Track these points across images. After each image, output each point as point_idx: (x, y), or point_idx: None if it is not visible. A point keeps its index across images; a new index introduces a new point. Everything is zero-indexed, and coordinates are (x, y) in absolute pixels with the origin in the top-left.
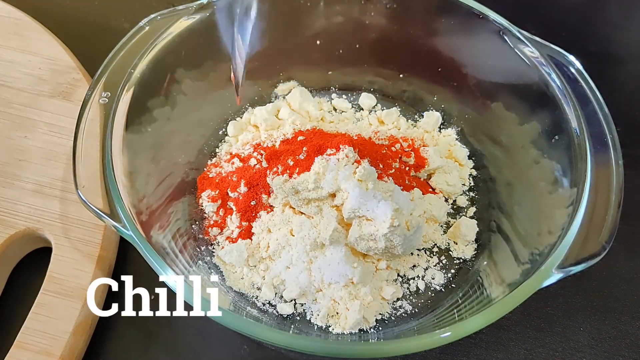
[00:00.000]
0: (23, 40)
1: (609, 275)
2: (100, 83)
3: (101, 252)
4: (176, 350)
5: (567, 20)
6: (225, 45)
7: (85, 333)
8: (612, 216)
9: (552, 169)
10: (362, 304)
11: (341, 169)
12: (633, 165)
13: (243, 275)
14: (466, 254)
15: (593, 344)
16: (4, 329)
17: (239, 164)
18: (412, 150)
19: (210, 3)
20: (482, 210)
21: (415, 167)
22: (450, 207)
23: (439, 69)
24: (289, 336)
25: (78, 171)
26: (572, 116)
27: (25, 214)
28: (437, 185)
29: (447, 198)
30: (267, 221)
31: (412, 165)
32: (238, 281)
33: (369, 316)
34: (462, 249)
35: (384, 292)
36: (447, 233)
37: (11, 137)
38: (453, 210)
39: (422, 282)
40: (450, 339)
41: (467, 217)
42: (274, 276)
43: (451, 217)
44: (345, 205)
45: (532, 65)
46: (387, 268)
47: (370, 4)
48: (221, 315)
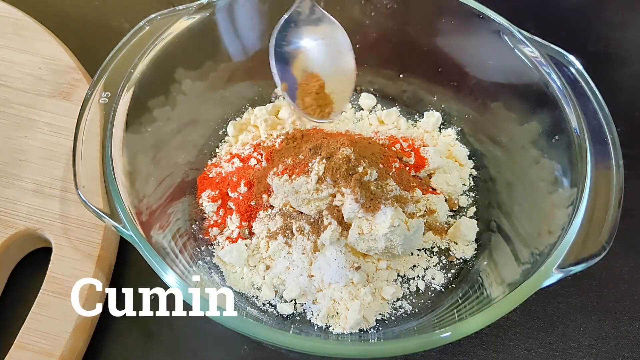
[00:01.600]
0: (23, 40)
1: (609, 275)
2: (100, 83)
3: (101, 252)
4: (176, 350)
5: (567, 20)
6: (225, 45)
7: (85, 333)
8: (612, 216)
9: (552, 169)
10: (362, 304)
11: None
12: (633, 165)
13: (243, 275)
14: (466, 254)
15: (593, 344)
16: (4, 329)
17: (239, 164)
18: (412, 150)
19: (210, 3)
20: (482, 210)
21: (415, 167)
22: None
23: (439, 69)
24: (289, 336)
25: (78, 171)
26: (572, 116)
27: (25, 214)
28: (437, 186)
29: (447, 198)
30: (267, 222)
31: (412, 165)
32: (238, 281)
33: (369, 316)
34: (462, 249)
35: (384, 292)
36: (447, 233)
37: (11, 137)
38: (453, 211)
39: (422, 282)
40: (450, 339)
41: (467, 217)
42: (274, 276)
43: (451, 217)
44: (346, 206)
45: (532, 65)
46: (387, 268)
47: (370, 4)
48: (221, 315)
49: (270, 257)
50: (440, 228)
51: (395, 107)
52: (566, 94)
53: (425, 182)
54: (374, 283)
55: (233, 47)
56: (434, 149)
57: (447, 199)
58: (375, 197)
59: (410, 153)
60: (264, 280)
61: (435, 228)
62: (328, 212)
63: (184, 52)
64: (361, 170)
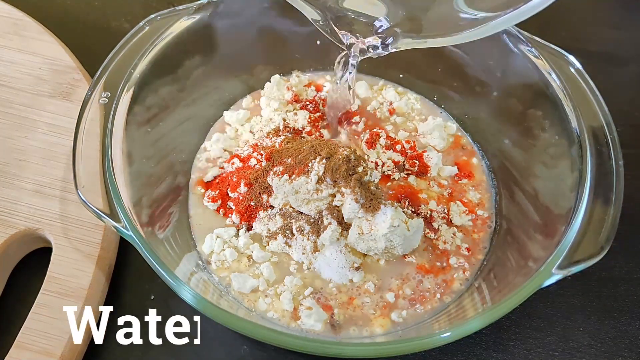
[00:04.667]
0: (23, 40)
1: (608, 275)
2: (100, 83)
3: (101, 252)
4: (176, 351)
5: (567, 20)
6: (225, 45)
7: (85, 333)
8: (612, 216)
9: (552, 168)
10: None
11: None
12: (633, 165)
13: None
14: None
15: (593, 344)
16: (4, 329)
17: (238, 164)
18: (416, 157)
19: (210, 3)
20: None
21: (417, 173)
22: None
23: (439, 69)
24: (289, 336)
25: (78, 171)
26: (572, 116)
27: (25, 214)
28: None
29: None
30: (267, 222)
31: (416, 172)
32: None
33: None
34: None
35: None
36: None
37: (11, 137)
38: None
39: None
40: (450, 339)
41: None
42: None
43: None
44: (345, 206)
45: (532, 65)
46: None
47: None
48: (221, 315)
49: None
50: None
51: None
52: (566, 94)
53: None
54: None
55: (233, 47)
56: (438, 155)
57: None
58: (375, 197)
59: (415, 163)
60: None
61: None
62: (328, 212)
63: (184, 52)
64: (361, 170)
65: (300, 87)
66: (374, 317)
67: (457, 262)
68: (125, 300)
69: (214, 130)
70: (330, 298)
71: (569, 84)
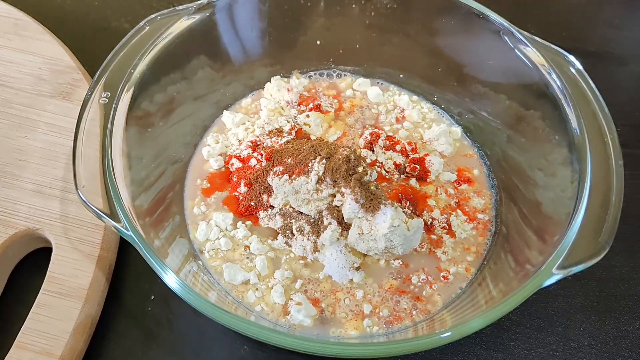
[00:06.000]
0: (23, 40)
1: (609, 275)
2: (100, 83)
3: (101, 252)
4: (176, 350)
5: (567, 20)
6: (225, 45)
7: (85, 333)
8: (612, 216)
9: (552, 169)
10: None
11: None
12: (633, 165)
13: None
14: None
15: (593, 344)
16: (4, 329)
17: (238, 164)
18: (417, 162)
19: (210, 3)
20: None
21: (418, 177)
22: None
23: (439, 69)
24: (289, 336)
25: (78, 171)
26: (572, 116)
27: (25, 214)
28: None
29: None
30: (267, 222)
31: (417, 176)
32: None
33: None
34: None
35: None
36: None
37: (11, 137)
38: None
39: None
40: (450, 339)
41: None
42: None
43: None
44: (345, 206)
45: (532, 65)
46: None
47: (370, 4)
48: (221, 315)
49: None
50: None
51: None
52: (566, 94)
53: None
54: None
55: (233, 47)
56: (440, 161)
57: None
58: (375, 197)
59: (416, 167)
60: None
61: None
62: (328, 212)
63: (184, 52)
64: (361, 170)
65: (300, 87)
66: (347, 320)
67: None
68: (125, 300)
69: (213, 130)
70: (318, 291)
71: (569, 84)
